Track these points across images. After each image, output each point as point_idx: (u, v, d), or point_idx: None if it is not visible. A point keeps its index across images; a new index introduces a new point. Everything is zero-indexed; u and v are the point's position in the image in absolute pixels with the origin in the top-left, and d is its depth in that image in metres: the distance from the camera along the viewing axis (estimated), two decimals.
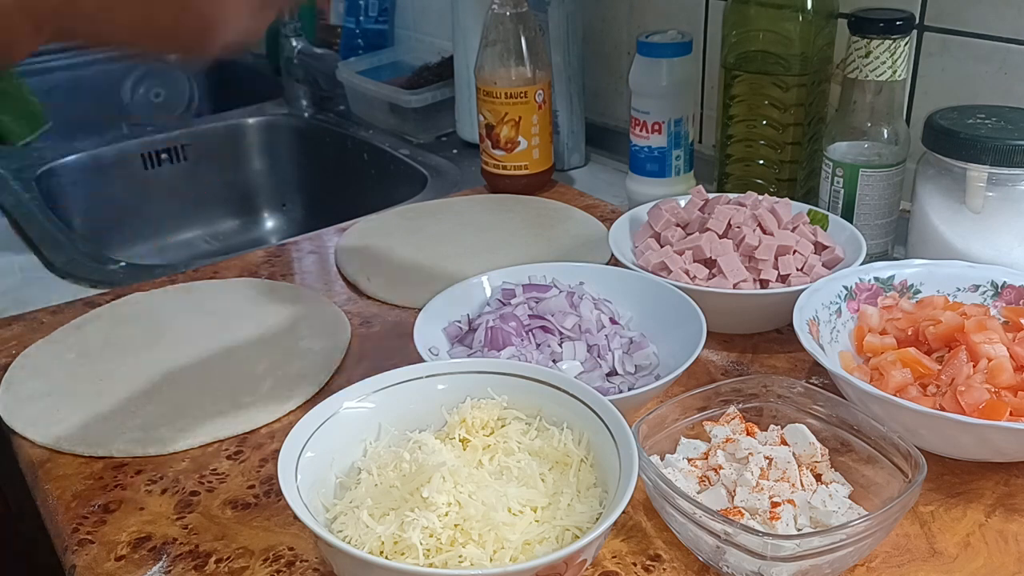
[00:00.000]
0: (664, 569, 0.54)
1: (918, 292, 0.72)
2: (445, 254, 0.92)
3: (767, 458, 0.56)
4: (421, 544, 0.47)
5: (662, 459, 0.58)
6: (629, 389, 0.66)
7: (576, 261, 0.82)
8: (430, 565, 0.47)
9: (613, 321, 0.71)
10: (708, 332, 0.66)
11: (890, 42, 0.77)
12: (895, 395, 0.59)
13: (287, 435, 0.53)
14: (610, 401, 0.55)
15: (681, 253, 0.77)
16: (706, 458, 0.58)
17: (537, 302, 0.70)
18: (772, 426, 0.59)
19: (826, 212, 0.82)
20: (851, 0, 0.85)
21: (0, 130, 1.38)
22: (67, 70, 1.70)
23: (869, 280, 0.72)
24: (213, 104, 1.75)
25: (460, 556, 0.47)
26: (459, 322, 0.72)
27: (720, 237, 0.77)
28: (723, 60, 0.90)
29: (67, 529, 0.59)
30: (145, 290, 0.88)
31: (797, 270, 0.75)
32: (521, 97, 0.99)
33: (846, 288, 0.71)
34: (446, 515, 0.49)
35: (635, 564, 0.54)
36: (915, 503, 0.55)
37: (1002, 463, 0.60)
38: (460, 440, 0.56)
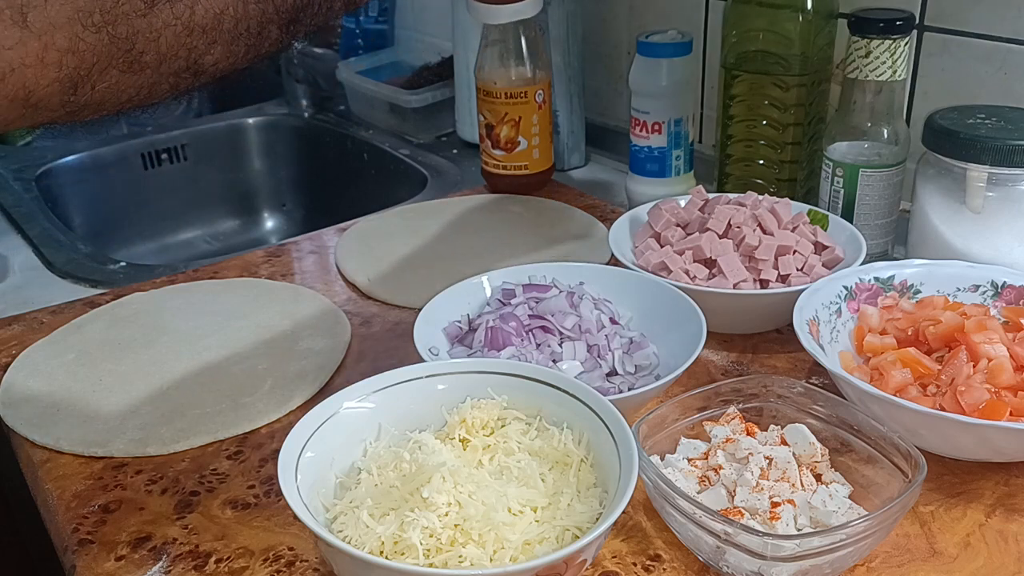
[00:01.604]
0: (664, 569, 0.54)
1: (918, 292, 0.72)
2: (445, 254, 0.93)
3: (767, 458, 0.56)
4: (421, 544, 0.47)
5: (662, 459, 0.58)
6: (629, 389, 0.66)
7: (576, 261, 0.82)
8: (430, 565, 0.47)
9: (613, 321, 0.71)
10: (708, 332, 0.66)
11: (890, 42, 0.77)
12: (895, 395, 0.59)
13: (287, 435, 0.53)
14: (610, 401, 0.55)
15: (681, 253, 0.77)
16: (706, 458, 0.58)
17: (537, 302, 0.70)
18: (772, 426, 0.59)
19: (826, 212, 0.82)
20: (851, 0, 0.85)
21: None
22: None
23: (869, 280, 0.72)
24: (213, 104, 1.75)
25: (460, 556, 0.47)
26: (459, 322, 0.72)
27: (720, 237, 0.77)
28: (723, 60, 0.90)
29: (67, 529, 0.59)
30: (145, 290, 0.88)
31: (797, 270, 0.75)
32: (521, 97, 0.99)
33: (846, 288, 0.71)
34: (446, 515, 0.49)
35: (635, 564, 0.54)
36: (915, 503, 0.55)
37: (1002, 463, 0.60)
38: (460, 440, 0.56)
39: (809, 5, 0.84)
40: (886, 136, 0.81)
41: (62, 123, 0.47)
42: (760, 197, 0.82)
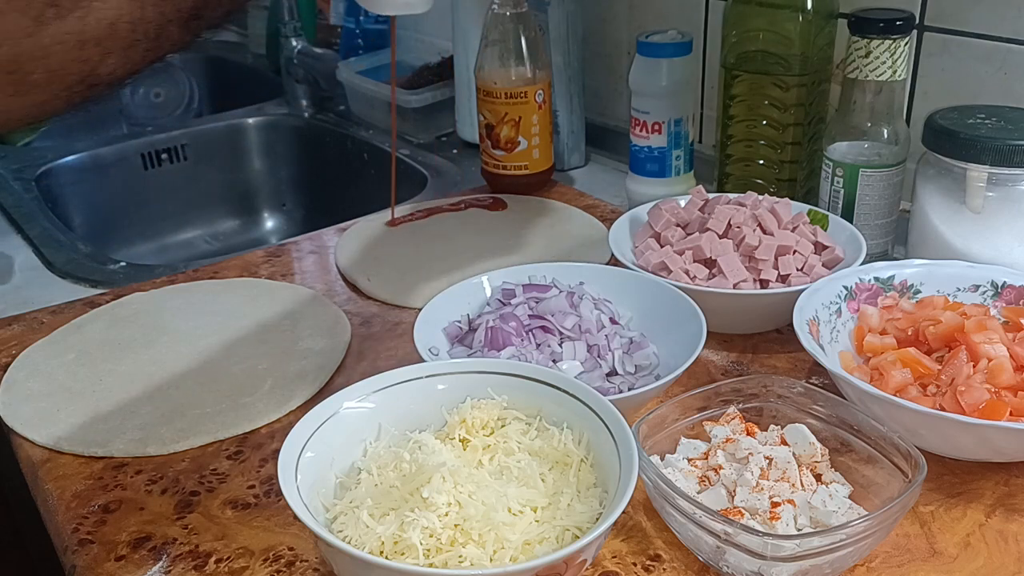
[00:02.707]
0: (664, 569, 0.54)
1: (918, 292, 0.72)
2: (445, 254, 0.92)
3: (767, 458, 0.56)
4: (421, 544, 0.47)
5: (662, 459, 0.58)
6: (629, 389, 0.66)
7: (576, 261, 0.82)
8: (430, 565, 0.47)
9: (613, 321, 0.71)
10: (708, 332, 0.66)
11: (890, 42, 0.77)
12: (895, 395, 0.59)
13: (287, 435, 0.53)
14: (610, 401, 0.55)
15: (681, 253, 0.77)
16: (706, 458, 0.58)
17: (537, 302, 0.70)
18: (772, 426, 0.59)
19: (826, 212, 0.82)
20: (851, 0, 0.85)
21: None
22: None
23: (869, 280, 0.72)
24: (213, 104, 1.75)
25: (460, 556, 0.47)
26: (459, 322, 0.72)
27: (720, 237, 0.77)
28: (723, 60, 0.90)
29: (67, 529, 0.59)
30: (145, 290, 0.88)
31: (797, 270, 0.75)
32: (521, 97, 0.99)
33: (846, 288, 0.71)
34: (446, 515, 0.49)
35: (635, 564, 0.54)
36: (915, 503, 0.55)
37: (1002, 463, 0.60)
38: (460, 440, 0.56)
39: (809, 5, 0.84)
40: (886, 136, 0.81)
41: None
42: (760, 197, 0.82)
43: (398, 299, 0.85)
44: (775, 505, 0.52)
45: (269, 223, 1.50)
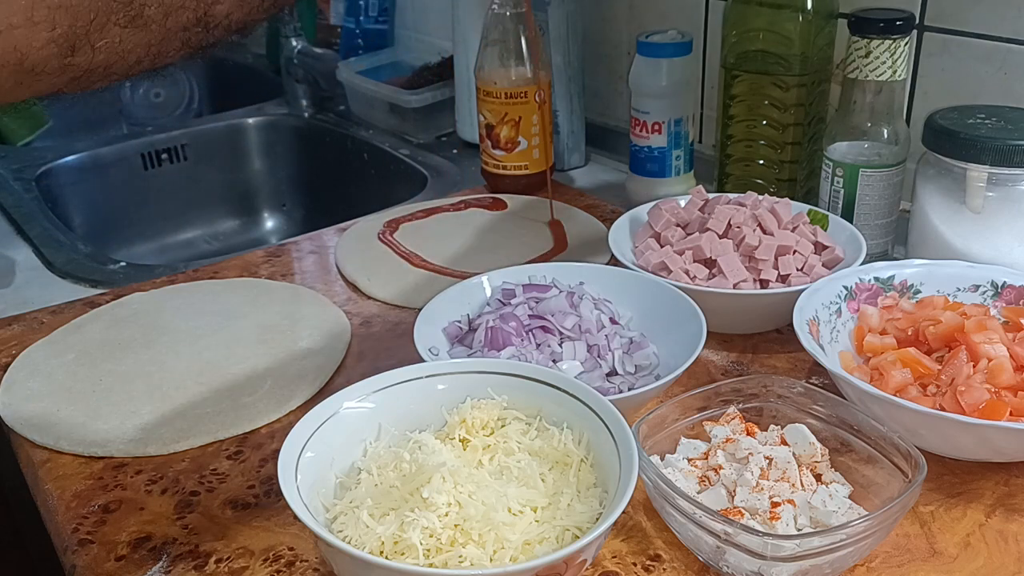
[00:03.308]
0: (664, 569, 0.54)
1: (918, 292, 0.72)
2: (445, 254, 0.92)
3: (767, 458, 0.56)
4: (421, 544, 0.47)
5: (662, 459, 0.58)
6: (629, 389, 0.66)
7: (576, 261, 0.82)
8: (430, 565, 0.47)
9: (613, 321, 0.71)
10: (708, 332, 0.66)
11: (890, 42, 0.77)
12: (895, 395, 0.59)
13: (287, 435, 0.53)
14: (610, 401, 0.55)
15: (681, 253, 0.77)
16: (706, 458, 0.58)
17: (537, 302, 0.70)
18: (772, 426, 0.59)
19: (826, 212, 0.82)
20: (851, 0, 0.85)
21: (0, 130, 1.38)
22: None
23: (869, 280, 0.72)
24: (213, 104, 1.75)
25: (460, 556, 0.47)
26: (459, 322, 0.72)
27: (720, 237, 0.77)
28: (723, 60, 0.90)
29: (67, 529, 0.59)
30: (145, 290, 0.88)
31: (797, 270, 0.75)
32: (521, 97, 0.99)
33: (846, 288, 0.71)
34: (446, 515, 0.49)
35: (635, 564, 0.54)
36: (915, 503, 0.55)
37: (1002, 463, 0.60)
38: (460, 440, 0.56)
39: (809, 5, 0.84)
40: (886, 136, 0.81)
41: (70, 92, 0.43)
42: (760, 197, 0.82)
43: (398, 299, 0.85)
44: (775, 505, 0.52)
45: (269, 223, 1.50)
